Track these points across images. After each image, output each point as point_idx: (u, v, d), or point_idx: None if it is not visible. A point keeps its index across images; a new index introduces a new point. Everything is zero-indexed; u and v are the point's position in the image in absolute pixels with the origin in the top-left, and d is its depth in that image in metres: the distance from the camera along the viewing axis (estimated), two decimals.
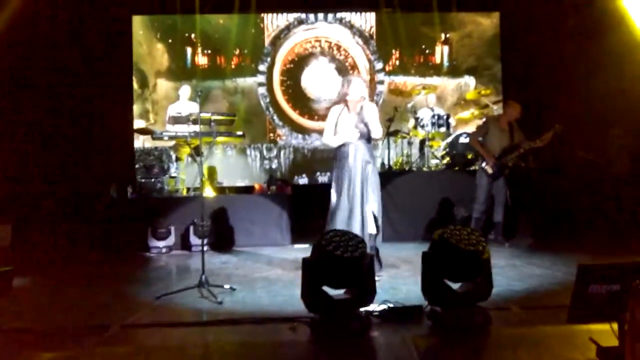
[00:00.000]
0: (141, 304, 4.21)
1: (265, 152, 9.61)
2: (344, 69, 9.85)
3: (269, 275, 5.16)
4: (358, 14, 9.82)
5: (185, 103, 7.92)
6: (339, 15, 9.87)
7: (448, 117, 8.25)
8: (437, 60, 10.03)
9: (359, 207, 4.66)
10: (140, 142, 8.81)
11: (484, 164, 6.53)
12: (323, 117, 9.82)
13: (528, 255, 5.84)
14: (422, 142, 8.29)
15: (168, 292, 4.33)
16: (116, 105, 8.88)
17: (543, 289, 4.22)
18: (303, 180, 9.11)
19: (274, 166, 9.57)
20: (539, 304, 3.80)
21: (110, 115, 8.70)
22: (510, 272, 4.89)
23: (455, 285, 3.21)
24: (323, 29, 9.90)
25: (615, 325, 2.43)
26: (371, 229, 4.66)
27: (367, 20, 9.92)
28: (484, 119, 7.40)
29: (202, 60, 9.66)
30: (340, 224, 4.60)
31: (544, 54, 8.67)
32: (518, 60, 9.40)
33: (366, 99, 4.85)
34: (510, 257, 5.67)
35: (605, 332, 2.47)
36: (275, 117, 9.77)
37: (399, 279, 4.69)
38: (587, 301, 2.51)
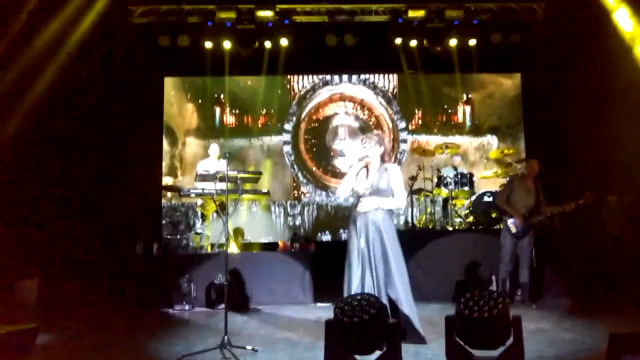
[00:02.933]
0: None
1: (289, 209, 9.71)
2: (368, 127, 10.01)
3: (290, 336, 5.10)
4: (381, 75, 10.07)
5: (213, 161, 8.11)
6: (362, 77, 10.13)
7: (471, 176, 8.27)
8: (460, 119, 10.15)
9: (370, 278, 4.48)
10: (167, 199, 8.98)
11: (510, 222, 6.47)
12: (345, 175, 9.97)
13: (557, 318, 5.68)
14: (446, 201, 8.29)
15: (190, 352, 4.31)
16: (146, 163, 9.13)
17: (574, 357, 4.09)
18: (326, 237, 9.13)
19: (297, 223, 9.63)
20: None
21: (139, 173, 8.94)
22: (539, 337, 4.76)
23: (488, 353, 3.14)
24: (347, 89, 10.16)
25: None
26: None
27: (390, 81, 10.15)
28: (509, 178, 7.40)
29: (230, 119, 9.96)
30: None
31: (566, 112, 8.72)
32: (540, 119, 9.45)
33: (389, 161, 4.78)
34: (538, 320, 5.53)
35: None
36: (299, 175, 9.91)
37: (423, 343, 4.59)
38: None
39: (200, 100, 9.99)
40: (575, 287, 6.84)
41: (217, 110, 9.96)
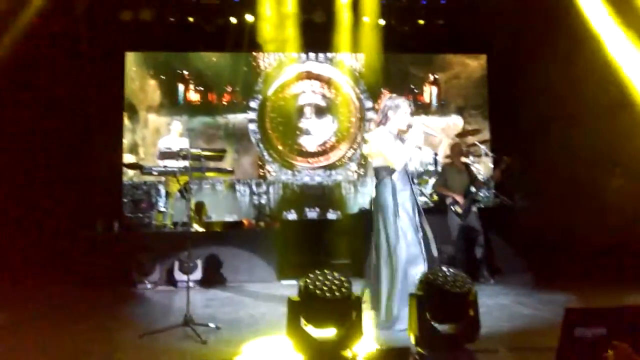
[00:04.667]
0: (124, 342, 4.14)
1: (254, 188, 9.62)
2: (334, 106, 9.96)
3: (254, 313, 5.10)
4: (348, 54, 9.99)
5: (175, 138, 7.95)
6: (329, 55, 10.04)
7: (436, 155, 8.34)
8: (426, 99, 10.19)
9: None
10: (129, 176, 8.79)
11: (454, 206, 6.79)
12: (312, 154, 9.94)
13: (516, 294, 5.82)
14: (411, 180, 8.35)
15: (151, 330, 4.25)
16: (106, 140, 8.88)
17: (531, 330, 4.20)
18: (292, 215, 9.10)
19: (262, 202, 9.56)
20: (527, 346, 3.77)
21: (99, 150, 8.69)
22: (498, 312, 4.87)
23: (442, 327, 3.18)
24: (314, 68, 10.06)
25: None
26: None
27: (357, 60, 10.09)
28: (440, 168, 7.64)
29: (193, 96, 9.75)
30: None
31: (530, 95, 8.83)
32: (505, 101, 9.57)
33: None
34: (497, 295, 5.65)
35: None
36: (265, 153, 9.81)
37: None
38: (573, 344, 2.50)
39: (163, 76, 9.74)
40: (534, 263, 7.03)
41: (181, 86, 9.73)
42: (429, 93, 10.22)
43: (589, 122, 7.19)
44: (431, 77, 10.20)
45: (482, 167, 8.51)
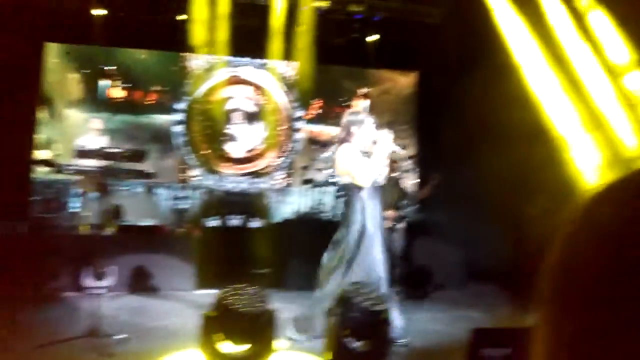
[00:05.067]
0: (19, 354, 3.84)
1: (175, 192, 9.30)
2: (265, 113, 9.86)
3: (168, 324, 4.90)
4: (281, 62, 9.94)
5: (95, 137, 7.58)
6: (262, 61, 9.94)
7: None
8: None
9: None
10: (41, 174, 8.24)
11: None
12: (238, 161, 9.77)
13: (427, 309, 5.93)
14: (337, 192, 8.38)
15: (52, 341, 3.97)
16: (15, 135, 8.30)
17: (441, 348, 4.27)
18: (213, 222, 8.86)
19: (183, 207, 9.26)
20: None
21: (5, 145, 8.10)
22: (412, 328, 4.92)
23: (354, 344, 3.17)
24: (245, 73, 9.92)
25: None
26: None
27: (290, 69, 10.06)
28: None
29: (117, 93, 9.33)
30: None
31: (457, 115, 9.11)
32: (432, 119, 9.83)
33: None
34: (412, 312, 5.73)
35: None
36: (189, 157, 9.54)
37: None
38: None
39: (85, 71, 9.26)
40: (450, 280, 7.20)
41: (104, 82, 9.29)
42: (360, 106, 10.32)
43: (512, 146, 7.46)
44: (362, 91, 10.32)
45: (408, 182, 8.69)
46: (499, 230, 7.39)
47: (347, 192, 4.55)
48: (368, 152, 4.50)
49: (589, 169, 6.57)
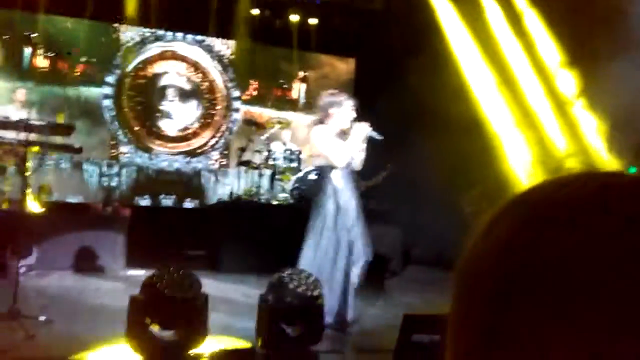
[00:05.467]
0: None
1: (104, 169, 8.94)
2: (200, 91, 9.64)
3: (94, 305, 4.74)
4: (219, 39, 9.72)
5: (17, 108, 7.14)
6: (199, 37, 9.67)
7: (300, 153, 8.43)
8: (294, 95, 10.26)
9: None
10: None
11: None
12: (172, 139, 9.51)
13: (365, 294, 6.04)
14: (273, 175, 8.35)
15: None
16: None
17: (375, 331, 4.37)
18: (145, 202, 8.61)
19: (113, 184, 8.93)
20: (370, 347, 3.92)
21: None
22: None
23: (287, 328, 3.19)
24: (181, 49, 9.62)
25: None
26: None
27: (227, 47, 9.85)
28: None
29: (42, 62, 8.81)
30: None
31: (395, 103, 9.25)
32: (370, 106, 9.92)
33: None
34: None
35: None
36: (119, 133, 9.18)
37: (236, 316, 4.56)
38: (410, 349, 2.63)
39: (6, 37, 8.66)
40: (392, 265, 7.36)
41: (27, 50, 8.73)
42: (298, 90, 10.30)
43: (448, 136, 7.65)
44: (300, 74, 10.29)
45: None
46: (435, 217, 7.61)
47: (321, 174, 4.53)
48: (345, 134, 4.45)
49: (520, 166, 6.86)
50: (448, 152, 7.00)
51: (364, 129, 4.48)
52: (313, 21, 9.64)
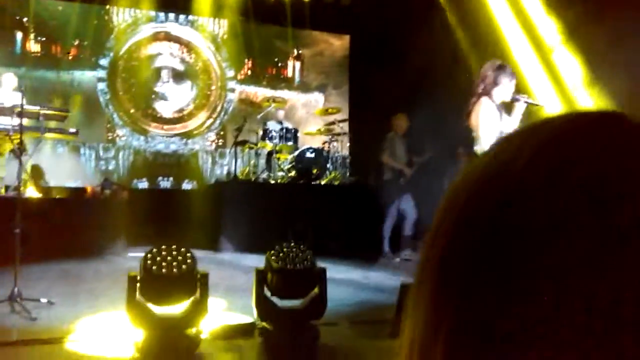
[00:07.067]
0: None
1: (101, 153, 8.93)
2: (194, 72, 9.57)
3: (94, 287, 4.76)
4: (211, 19, 9.62)
5: (9, 93, 7.09)
6: (191, 17, 9.57)
7: (296, 131, 8.41)
8: (289, 74, 10.20)
9: None
10: None
11: (401, 179, 6.79)
12: (168, 121, 9.47)
13: (367, 267, 6.08)
14: (270, 154, 8.35)
15: None
16: None
17: (373, 304, 4.41)
18: (142, 184, 8.63)
19: (110, 168, 8.93)
20: (367, 319, 3.96)
21: None
22: (345, 286, 5.05)
23: (285, 303, 3.22)
24: (174, 29, 9.54)
25: None
26: None
27: (220, 26, 9.76)
28: (387, 136, 7.50)
29: (34, 47, 8.73)
30: None
31: (389, 80, 9.19)
32: (364, 82, 9.88)
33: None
34: (347, 271, 5.87)
35: None
36: (115, 116, 9.14)
37: (236, 293, 4.59)
38: None
39: None
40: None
41: (19, 34, 8.65)
42: (292, 67, 10.23)
43: (445, 113, 7.60)
44: (295, 52, 10.21)
45: (340, 146, 8.73)
46: (430, 192, 7.61)
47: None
48: (505, 109, 3.96)
49: None
50: (444, 123, 6.97)
51: (525, 102, 3.95)
52: None
